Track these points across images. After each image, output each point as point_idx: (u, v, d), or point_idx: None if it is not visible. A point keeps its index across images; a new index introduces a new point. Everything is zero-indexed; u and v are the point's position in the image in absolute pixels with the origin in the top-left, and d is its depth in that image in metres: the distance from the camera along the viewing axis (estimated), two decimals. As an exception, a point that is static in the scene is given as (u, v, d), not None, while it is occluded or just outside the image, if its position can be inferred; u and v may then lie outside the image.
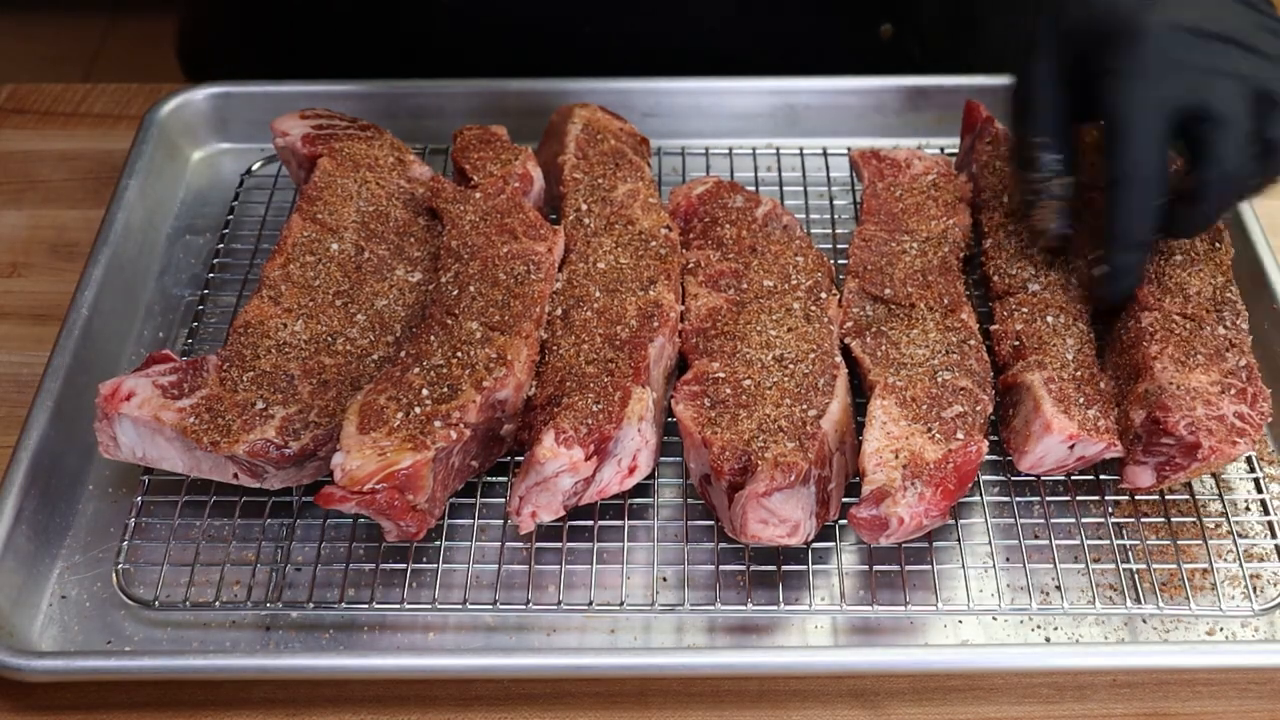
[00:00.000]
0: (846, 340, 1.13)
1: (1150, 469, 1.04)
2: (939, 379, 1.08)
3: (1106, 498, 1.09)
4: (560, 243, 1.19)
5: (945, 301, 1.14)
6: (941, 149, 1.38)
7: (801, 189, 1.35)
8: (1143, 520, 1.08)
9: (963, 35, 1.52)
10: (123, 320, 1.24)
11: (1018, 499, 1.09)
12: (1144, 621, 1.03)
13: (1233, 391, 1.04)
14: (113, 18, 3.37)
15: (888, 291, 1.15)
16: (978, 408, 1.07)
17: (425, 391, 1.03)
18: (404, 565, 1.05)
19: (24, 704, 1.00)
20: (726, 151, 1.40)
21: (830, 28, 1.49)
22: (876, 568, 1.05)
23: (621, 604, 1.03)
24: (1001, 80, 1.42)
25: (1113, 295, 1.08)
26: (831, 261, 1.21)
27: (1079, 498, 1.09)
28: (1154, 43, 1.02)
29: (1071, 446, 1.05)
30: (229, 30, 1.59)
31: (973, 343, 1.12)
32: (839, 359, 1.10)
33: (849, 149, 1.36)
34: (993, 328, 1.14)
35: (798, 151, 1.39)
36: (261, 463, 1.04)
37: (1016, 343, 1.11)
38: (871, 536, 1.00)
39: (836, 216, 1.33)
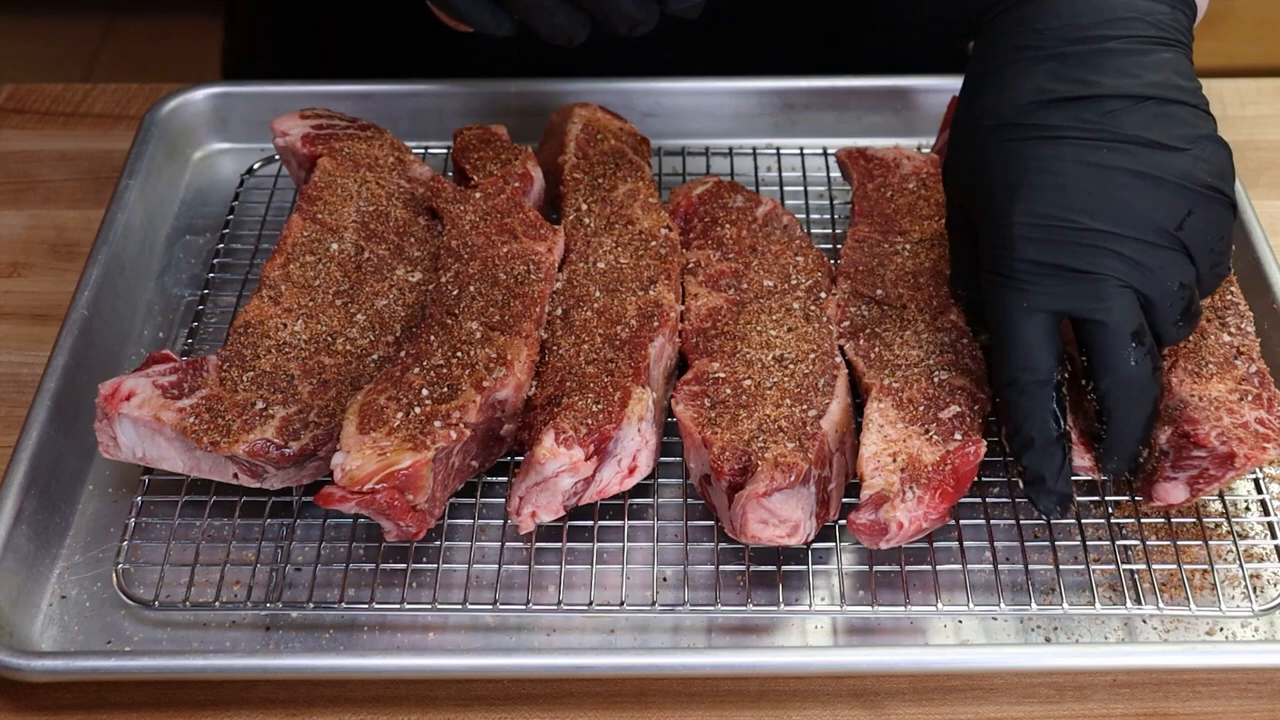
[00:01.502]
0: (841, 343, 1.13)
1: (1182, 484, 1.03)
2: (935, 379, 1.08)
3: (1106, 498, 1.09)
4: (560, 243, 1.19)
5: (934, 303, 1.14)
6: (942, 149, 1.38)
7: (801, 189, 1.35)
8: (1143, 520, 1.08)
9: None
10: (123, 320, 1.24)
11: (1018, 499, 1.09)
12: (1144, 621, 1.03)
13: (1250, 398, 1.04)
14: (113, 18, 3.37)
15: (879, 293, 1.15)
16: (975, 407, 1.07)
17: (425, 391, 1.03)
18: (404, 565, 1.05)
19: (24, 704, 1.00)
20: (726, 151, 1.40)
21: (914, 45, 1.48)
22: (876, 568, 1.05)
23: (621, 604, 1.03)
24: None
25: (1047, 507, 1.00)
26: (831, 261, 1.21)
27: (1079, 498, 1.09)
28: (1020, 244, 0.98)
29: None
30: (270, 34, 1.60)
31: (965, 341, 1.12)
32: (839, 359, 1.10)
33: (826, 148, 1.37)
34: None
35: (798, 151, 1.39)
36: (261, 463, 1.04)
37: None
38: (871, 541, 1.00)
39: (836, 216, 1.33)
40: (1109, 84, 1.01)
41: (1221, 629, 1.03)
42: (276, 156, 1.34)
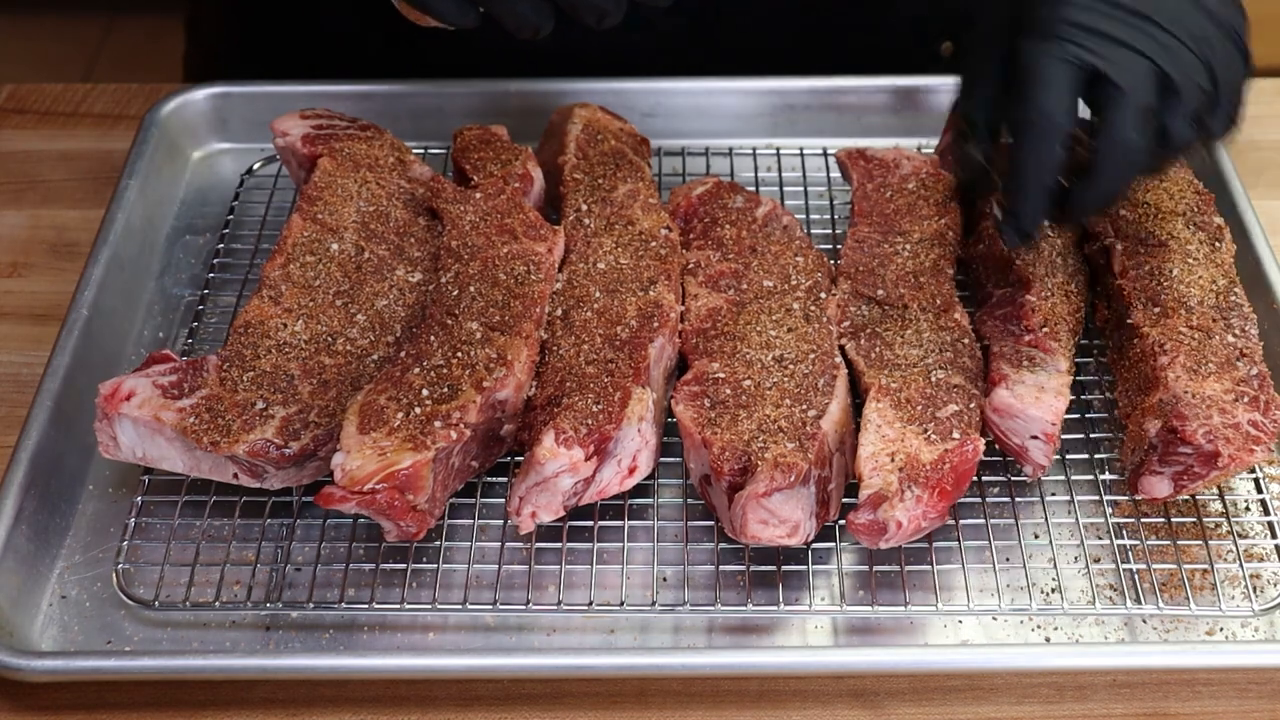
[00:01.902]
0: (842, 342, 1.13)
1: (1167, 479, 1.04)
2: (933, 378, 1.08)
3: (1106, 498, 1.09)
4: (560, 243, 1.19)
5: (938, 302, 1.14)
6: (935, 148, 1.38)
7: (801, 189, 1.35)
8: (1143, 520, 1.08)
9: None
10: (123, 320, 1.24)
11: (1018, 499, 1.09)
12: (1144, 621, 1.03)
13: (1246, 399, 1.04)
14: (113, 18, 3.37)
15: (880, 293, 1.16)
16: (972, 405, 1.07)
17: (425, 391, 1.03)
18: (404, 565, 1.05)
19: (24, 704, 1.00)
20: (726, 151, 1.40)
21: (890, 46, 1.48)
22: (876, 568, 1.05)
23: (621, 604, 1.03)
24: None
25: (1011, 240, 1.09)
26: (831, 262, 1.21)
27: (1079, 498, 1.09)
28: (1070, 8, 1.06)
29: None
30: (232, 32, 1.59)
31: (966, 341, 1.12)
32: (839, 359, 1.10)
33: (826, 148, 1.37)
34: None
35: (798, 151, 1.39)
36: (261, 463, 1.04)
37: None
38: (871, 541, 1.00)
39: (836, 216, 1.33)
40: None
41: (1221, 629, 1.03)
42: (276, 156, 1.34)
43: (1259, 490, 1.10)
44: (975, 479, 1.08)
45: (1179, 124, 1.05)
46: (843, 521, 1.05)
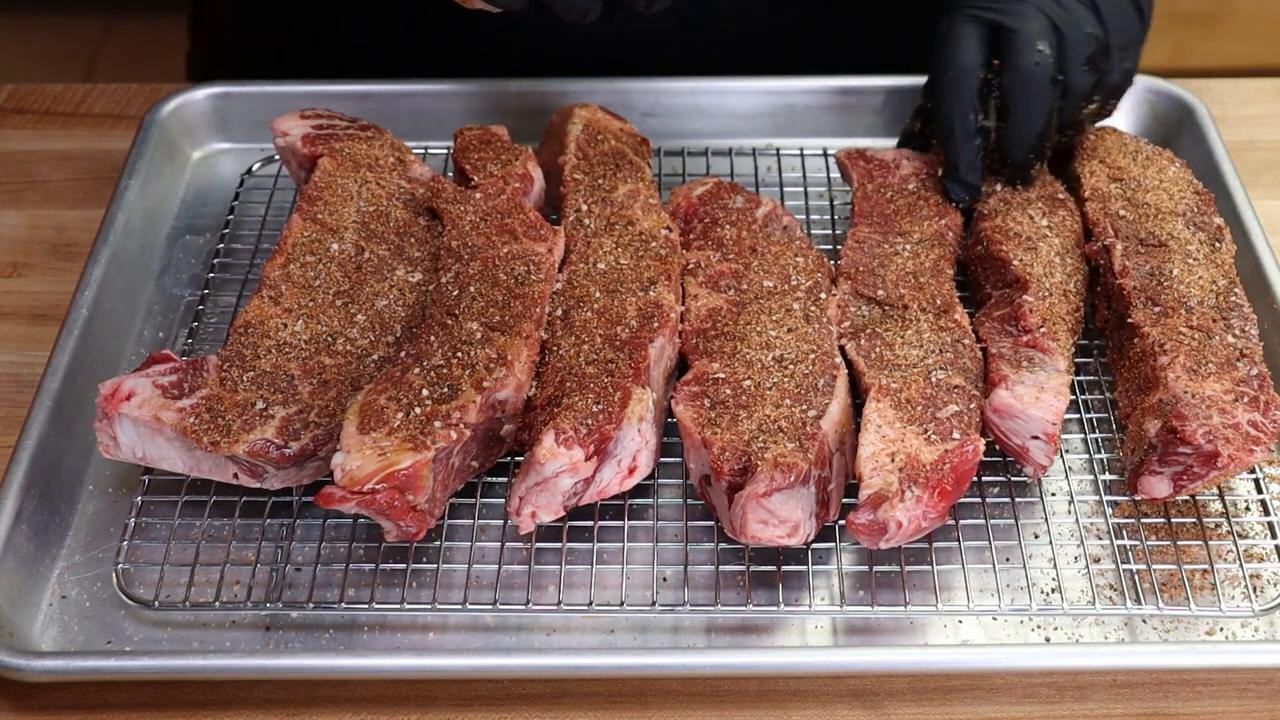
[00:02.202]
0: (842, 342, 1.13)
1: (1167, 479, 1.04)
2: (933, 379, 1.08)
3: (1106, 498, 1.09)
4: (560, 243, 1.19)
5: (938, 302, 1.14)
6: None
7: (801, 189, 1.35)
8: (1143, 521, 1.08)
9: None
10: (123, 320, 1.24)
11: (1018, 499, 1.09)
12: (1144, 622, 1.03)
13: (1246, 399, 1.04)
14: (113, 18, 3.37)
15: (880, 293, 1.16)
16: (972, 405, 1.07)
17: (425, 392, 1.03)
18: (404, 565, 1.05)
19: (24, 704, 1.00)
20: (726, 151, 1.40)
21: (912, 43, 1.49)
22: (876, 568, 1.05)
23: (621, 604, 1.03)
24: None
25: (957, 194, 1.23)
26: (831, 262, 1.21)
27: (1079, 498, 1.09)
28: None
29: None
30: (237, 32, 1.59)
31: (966, 341, 1.12)
32: (839, 359, 1.10)
33: (826, 148, 1.37)
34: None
35: (798, 151, 1.39)
36: (261, 463, 1.04)
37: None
38: (871, 541, 1.00)
39: (836, 216, 1.33)
40: None
41: (1221, 629, 1.03)
42: (276, 156, 1.34)
43: (1259, 490, 1.10)
44: (975, 479, 1.08)
45: (1074, 68, 1.19)
46: (843, 521, 1.05)
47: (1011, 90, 1.19)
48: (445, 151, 1.38)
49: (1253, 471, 1.10)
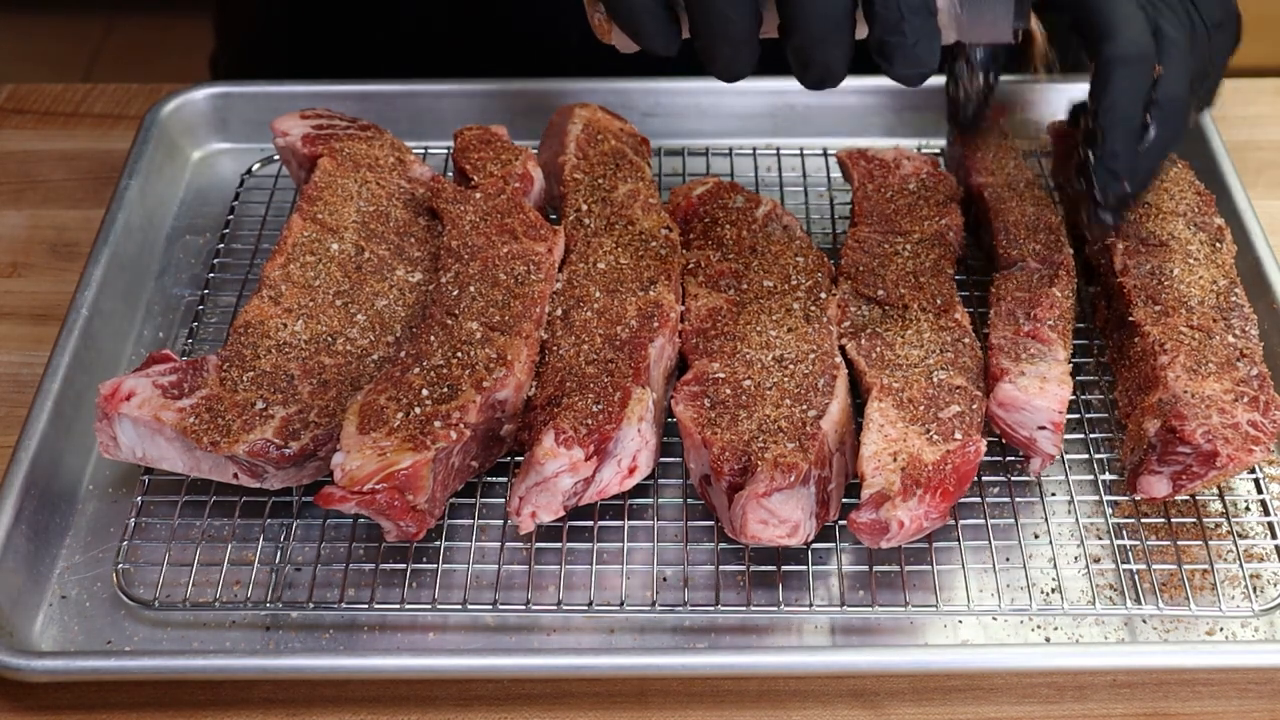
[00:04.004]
0: (842, 342, 1.13)
1: (1166, 479, 1.04)
2: (935, 379, 1.08)
3: (1106, 498, 1.09)
4: (560, 243, 1.19)
5: (938, 302, 1.14)
6: (941, 150, 1.38)
7: (801, 189, 1.35)
8: (1143, 520, 1.08)
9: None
10: (123, 320, 1.24)
11: (1018, 499, 1.09)
12: (1144, 622, 1.03)
13: (1245, 399, 1.04)
14: (112, 18, 3.37)
15: (880, 293, 1.16)
16: (974, 406, 1.07)
17: (425, 392, 1.03)
18: (404, 565, 1.05)
19: (24, 704, 1.00)
20: (726, 151, 1.40)
21: None
22: (876, 568, 1.05)
23: (621, 604, 1.03)
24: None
25: (1111, 187, 1.10)
26: (831, 262, 1.21)
27: (1079, 498, 1.09)
28: None
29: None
30: (264, 33, 1.59)
31: (967, 341, 1.12)
32: (839, 359, 1.10)
33: (826, 148, 1.37)
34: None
35: (798, 151, 1.39)
36: (261, 463, 1.04)
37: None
38: (872, 540, 1.00)
39: (836, 216, 1.33)
40: None
41: (1221, 629, 1.03)
42: (276, 156, 1.34)
43: (1259, 490, 1.10)
44: (975, 479, 1.08)
45: (1191, 88, 1.11)
46: (843, 521, 1.05)
47: (1161, 109, 1.10)
48: (445, 151, 1.38)
49: (1253, 471, 1.10)
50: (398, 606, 1.03)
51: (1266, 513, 1.08)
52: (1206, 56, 1.14)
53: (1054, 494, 1.10)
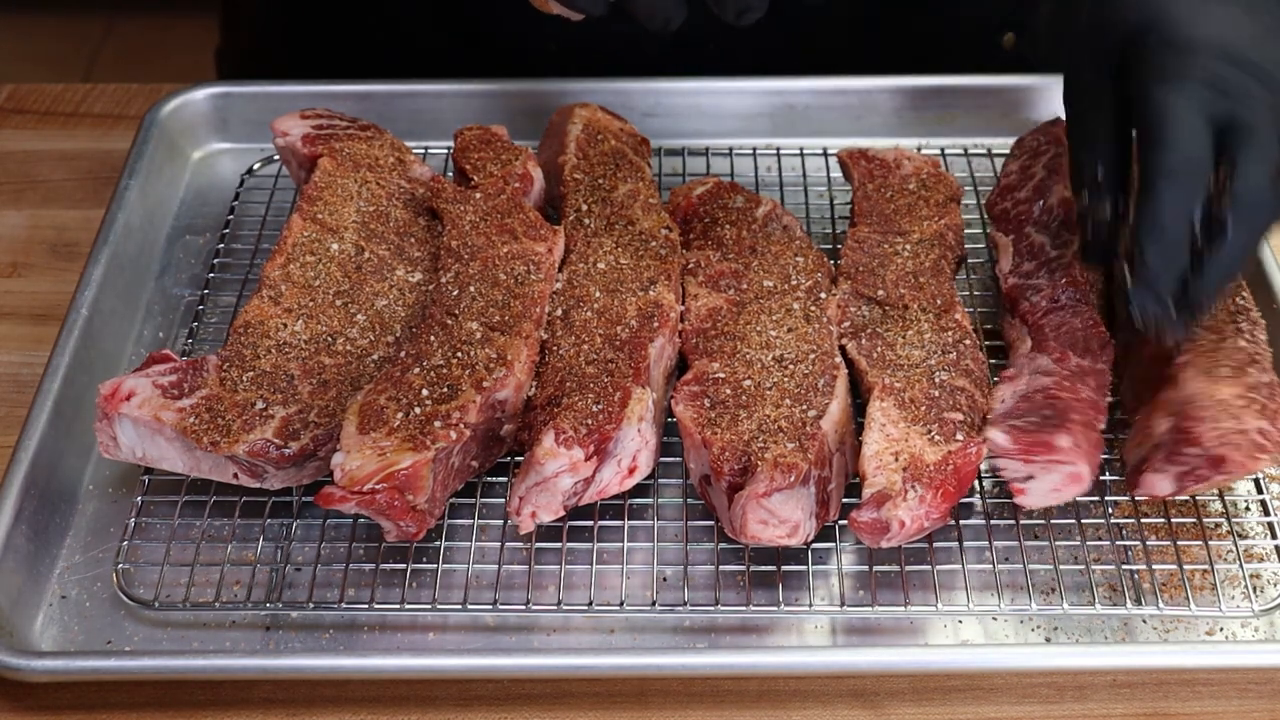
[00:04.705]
0: (843, 342, 1.13)
1: (1170, 478, 1.03)
2: (936, 379, 1.08)
3: (1106, 498, 1.09)
4: (560, 243, 1.19)
5: (938, 302, 1.14)
6: (942, 150, 1.38)
7: (801, 189, 1.35)
8: (1143, 520, 1.08)
9: None
10: (123, 320, 1.24)
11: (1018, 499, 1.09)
12: (1144, 622, 1.03)
13: (1256, 407, 1.04)
14: (113, 18, 3.37)
15: (880, 293, 1.16)
16: (976, 407, 1.07)
17: (425, 392, 1.03)
18: (404, 565, 1.05)
19: (24, 704, 1.00)
20: (726, 151, 1.40)
21: (950, 37, 1.48)
22: (876, 568, 1.05)
23: (621, 604, 1.03)
24: (998, 80, 1.43)
25: (1148, 307, 0.98)
26: (831, 262, 1.21)
27: (1079, 498, 1.09)
28: (1197, 56, 1.01)
29: None
30: (273, 31, 1.60)
31: (968, 342, 1.12)
32: (839, 359, 1.10)
33: (826, 148, 1.37)
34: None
35: (798, 151, 1.39)
36: (261, 463, 1.04)
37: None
38: (873, 540, 1.00)
39: (836, 216, 1.33)
40: None
41: (1221, 629, 1.03)
42: (276, 156, 1.34)
43: (1259, 490, 1.10)
44: (976, 479, 1.08)
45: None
46: (843, 521, 1.05)
47: (1239, 203, 0.97)
48: (445, 151, 1.38)
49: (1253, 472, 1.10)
50: (398, 606, 1.03)
51: (1266, 513, 1.08)
52: None
53: (1054, 494, 1.10)
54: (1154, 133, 1.00)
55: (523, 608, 1.03)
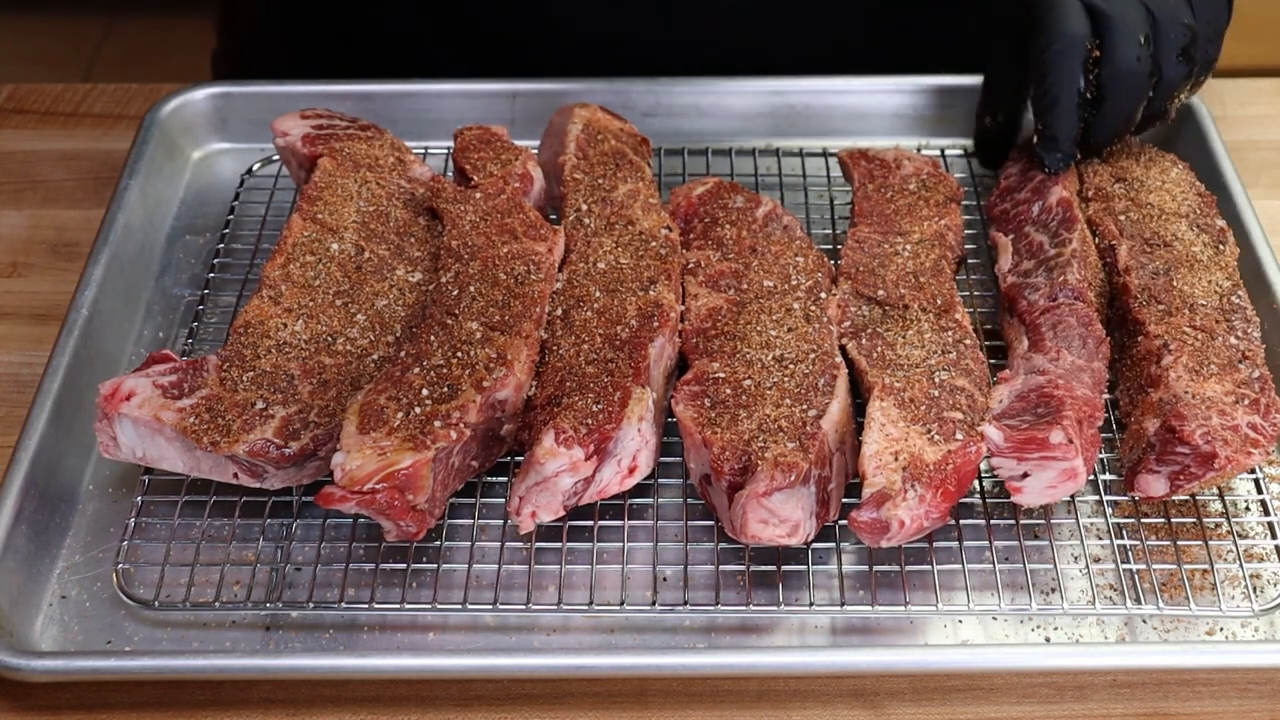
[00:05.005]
0: (843, 342, 1.13)
1: (1164, 478, 1.04)
2: (936, 379, 1.08)
3: (1106, 498, 1.09)
4: (560, 243, 1.19)
5: (939, 302, 1.14)
6: (942, 150, 1.38)
7: (801, 189, 1.35)
8: (1143, 520, 1.08)
9: None
10: (123, 320, 1.24)
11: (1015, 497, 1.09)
12: (1144, 621, 1.03)
13: (1246, 402, 1.04)
14: (112, 18, 3.37)
15: (880, 293, 1.16)
16: (976, 407, 1.07)
17: (425, 391, 1.03)
18: (404, 565, 1.05)
19: (24, 704, 1.00)
20: (726, 151, 1.40)
21: (965, 36, 1.49)
22: (876, 568, 1.05)
23: (621, 604, 1.03)
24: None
25: (1053, 161, 1.23)
26: (831, 262, 1.21)
27: (1079, 498, 1.09)
28: None
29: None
30: (270, 31, 1.60)
31: (968, 342, 1.12)
32: (839, 359, 1.10)
33: (826, 148, 1.37)
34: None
35: (798, 151, 1.39)
36: (261, 463, 1.04)
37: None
38: (873, 539, 1.00)
39: (836, 216, 1.33)
40: None
41: (1221, 629, 1.03)
42: (276, 156, 1.34)
43: (1259, 490, 1.10)
44: (976, 479, 1.08)
45: (1170, 60, 1.20)
46: (843, 521, 1.05)
47: (1109, 82, 1.19)
48: (445, 151, 1.38)
49: (1253, 472, 1.10)
50: (398, 606, 1.03)
51: (1266, 513, 1.08)
52: (1176, 18, 1.20)
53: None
54: (1040, 22, 1.20)
55: (522, 607, 1.03)
